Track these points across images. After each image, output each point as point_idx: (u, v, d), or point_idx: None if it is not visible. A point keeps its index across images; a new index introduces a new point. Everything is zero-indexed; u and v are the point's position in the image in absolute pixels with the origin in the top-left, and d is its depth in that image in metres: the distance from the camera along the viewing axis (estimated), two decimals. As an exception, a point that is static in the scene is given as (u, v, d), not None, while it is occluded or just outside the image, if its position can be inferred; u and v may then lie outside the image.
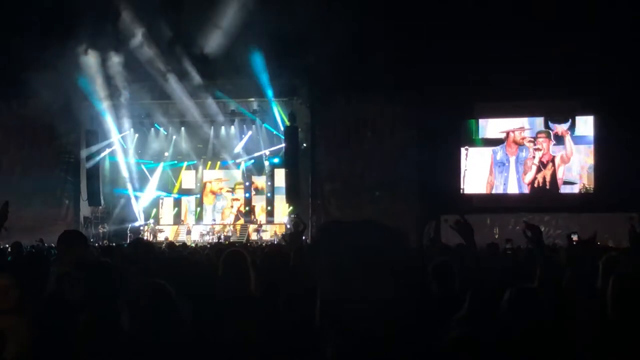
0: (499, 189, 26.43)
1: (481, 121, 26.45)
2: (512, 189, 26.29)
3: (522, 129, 26.18)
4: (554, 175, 25.90)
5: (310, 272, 1.66)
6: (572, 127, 25.82)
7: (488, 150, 26.42)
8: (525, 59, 22.31)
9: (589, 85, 23.28)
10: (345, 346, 1.62)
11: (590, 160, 25.67)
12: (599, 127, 25.16)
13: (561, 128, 25.84)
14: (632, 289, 3.75)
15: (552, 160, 25.93)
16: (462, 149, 26.20)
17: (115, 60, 25.45)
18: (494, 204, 25.57)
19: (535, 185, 26.00)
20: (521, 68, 22.51)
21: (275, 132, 28.69)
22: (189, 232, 28.31)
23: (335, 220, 1.76)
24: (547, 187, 25.92)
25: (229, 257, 4.84)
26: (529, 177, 26.06)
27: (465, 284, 4.93)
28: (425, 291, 4.84)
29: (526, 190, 26.16)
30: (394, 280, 1.63)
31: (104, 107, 27.40)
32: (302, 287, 4.20)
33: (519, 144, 26.14)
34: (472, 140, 26.34)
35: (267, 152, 29.28)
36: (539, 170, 25.99)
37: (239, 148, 29.27)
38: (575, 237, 15.18)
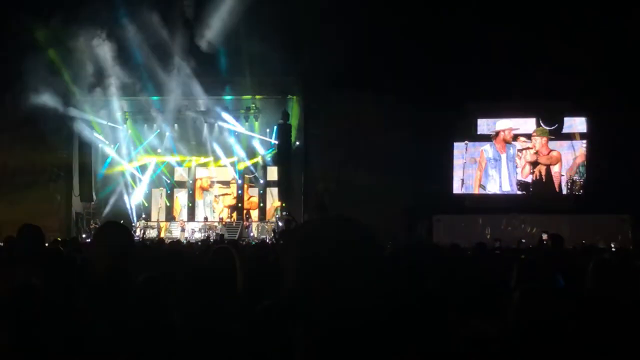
0: (492, 186, 26.52)
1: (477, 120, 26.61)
2: (505, 186, 26.39)
3: (510, 129, 26.32)
4: (548, 172, 26.02)
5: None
6: (561, 128, 25.96)
7: (481, 146, 26.57)
8: (518, 60, 22.35)
9: (581, 86, 23.33)
10: (315, 340, 1.63)
11: (579, 159, 25.82)
12: (590, 129, 25.26)
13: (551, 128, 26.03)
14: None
15: (546, 157, 26.05)
16: (461, 143, 26.35)
17: (109, 56, 25.41)
18: (485, 204, 25.64)
19: (531, 180, 26.11)
20: (513, 69, 22.56)
21: (268, 130, 28.69)
22: (183, 229, 28.25)
23: (305, 221, 1.77)
24: (543, 182, 26.01)
25: (217, 254, 4.83)
26: (525, 173, 26.17)
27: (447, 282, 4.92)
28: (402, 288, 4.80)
29: (517, 190, 26.24)
30: (367, 276, 1.64)
31: (98, 103, 27.38)
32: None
33: (507, 142, 26.28)
34: (468, 136, 26.47)
35: (260, 149, 29.27)
36: (532, 167, 26.11)
37: (232, 145, 29.24)
38: (545, 237, 15.27)
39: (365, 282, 1.63)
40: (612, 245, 18.69)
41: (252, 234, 27.48)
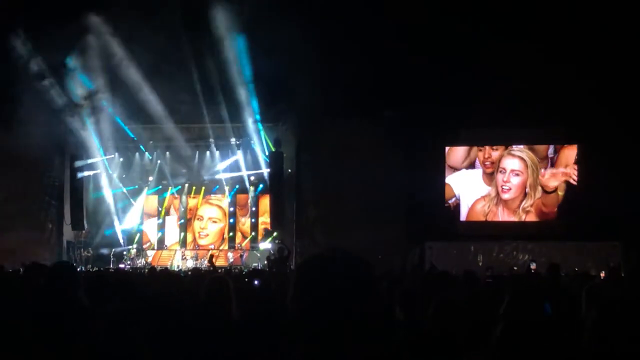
0: (481, 212, 26.47)
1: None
2: (493, 212, 26.32)
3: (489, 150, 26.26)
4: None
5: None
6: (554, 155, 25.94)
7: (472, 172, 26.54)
8: (510, 87, 22.48)
9: (572, 113, 23.51)
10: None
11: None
12: (581, 156, 25.33)
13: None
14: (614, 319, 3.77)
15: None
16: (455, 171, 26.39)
17: (100, 83, 25.47)
18: (478, 231, 25.63)
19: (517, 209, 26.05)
20: (506, 96, 22.69)
21: (260, 158, 28.74)
22: (184, 257, 28.12)
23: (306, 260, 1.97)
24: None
25: (212, 283, 4.84)
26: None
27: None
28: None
29: (508, 216, 26.18)
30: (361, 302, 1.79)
31: (89, 130, 27.41)
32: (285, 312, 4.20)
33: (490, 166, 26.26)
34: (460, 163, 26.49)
35: (252, 177, 29.32)
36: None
37: (223, 173, 29.28)
38: (533, 266, 15.55)
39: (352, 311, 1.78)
40: (602, 274, 18.74)
41: (245, 262, 27.47)
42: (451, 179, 26.44)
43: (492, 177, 26.18)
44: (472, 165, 26.41)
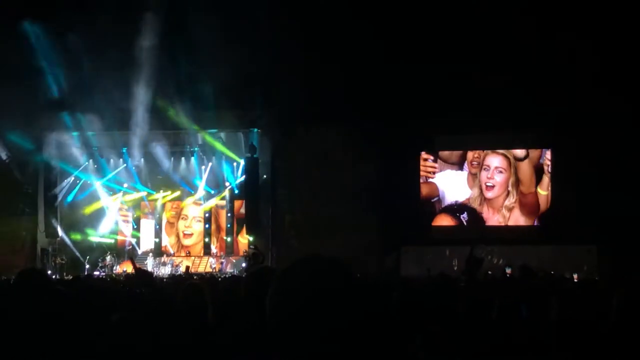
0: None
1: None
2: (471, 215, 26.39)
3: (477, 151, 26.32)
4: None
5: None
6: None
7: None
8: (483, 91, 22.61)
9: (545, 117, 23.66)
10: None
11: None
12: (556, 159, 25.47)
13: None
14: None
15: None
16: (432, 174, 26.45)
17: (75, 88, 25.24)
18: (453, 235, 25.69)
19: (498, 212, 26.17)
20: (480, 101, 22.81)
21: (235, 164, 28.68)
22: (163, 263, 27.95)
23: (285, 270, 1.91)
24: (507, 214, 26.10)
25: (188, 290, 4.83)
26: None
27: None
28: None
29: (493, 215, 26.24)
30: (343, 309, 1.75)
31: (63, 137, 27.19)
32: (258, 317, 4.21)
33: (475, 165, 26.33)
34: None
35: (227, 183, 29.25)
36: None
37: (200, 181, 29.19)
38: (509, 271, 15.61)
39: (335, 317, 1.74)
40: (575, 276, 18.87)
41: (221, 268, 27.39)
42: (437, 179, 26.48)
43: (475, 178, 26.25)
44: (462, 162, 26.47)
